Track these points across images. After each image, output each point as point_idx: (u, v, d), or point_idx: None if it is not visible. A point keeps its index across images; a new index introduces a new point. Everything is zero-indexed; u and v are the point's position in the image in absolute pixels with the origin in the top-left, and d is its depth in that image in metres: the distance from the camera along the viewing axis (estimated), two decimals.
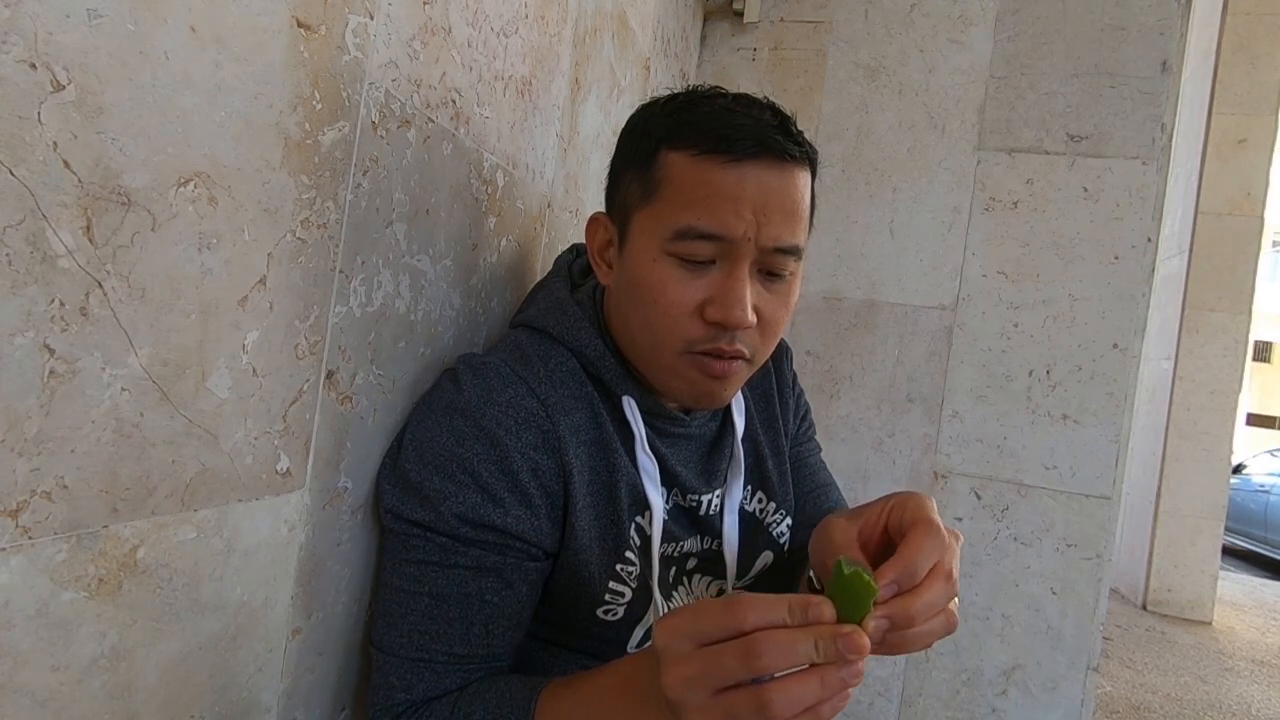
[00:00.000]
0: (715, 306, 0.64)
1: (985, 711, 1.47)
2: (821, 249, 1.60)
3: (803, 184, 0.66)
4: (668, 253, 0.65)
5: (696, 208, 0.63)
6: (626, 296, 0.69)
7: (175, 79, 0.45)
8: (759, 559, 0.81)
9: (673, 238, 0.64)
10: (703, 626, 0.43)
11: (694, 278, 0.65)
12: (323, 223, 0.59)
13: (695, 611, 0.44)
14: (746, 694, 0.41)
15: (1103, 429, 1.44)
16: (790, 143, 0.64)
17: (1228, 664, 3.53)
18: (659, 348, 0.67)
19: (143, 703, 0.49)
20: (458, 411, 0.66)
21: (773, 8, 1.64)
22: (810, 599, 0.42)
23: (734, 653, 0.42)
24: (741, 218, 0.62)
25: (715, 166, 0.63)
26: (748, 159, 0.63)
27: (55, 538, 0.42)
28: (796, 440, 0.90)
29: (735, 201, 0.63)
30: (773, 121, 0.65)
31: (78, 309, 0.41)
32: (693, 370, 0.67)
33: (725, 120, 0.64)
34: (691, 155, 0.64)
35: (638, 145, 0.69)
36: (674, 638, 0.44)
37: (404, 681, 0.64)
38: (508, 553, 0.65)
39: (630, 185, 0.68)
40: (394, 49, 0.64)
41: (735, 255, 0.64)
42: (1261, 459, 7.08)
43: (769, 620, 0.42)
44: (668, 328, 0.66)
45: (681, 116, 0.66)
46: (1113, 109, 1.45)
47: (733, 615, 0.42)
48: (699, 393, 0.69)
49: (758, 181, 0.63)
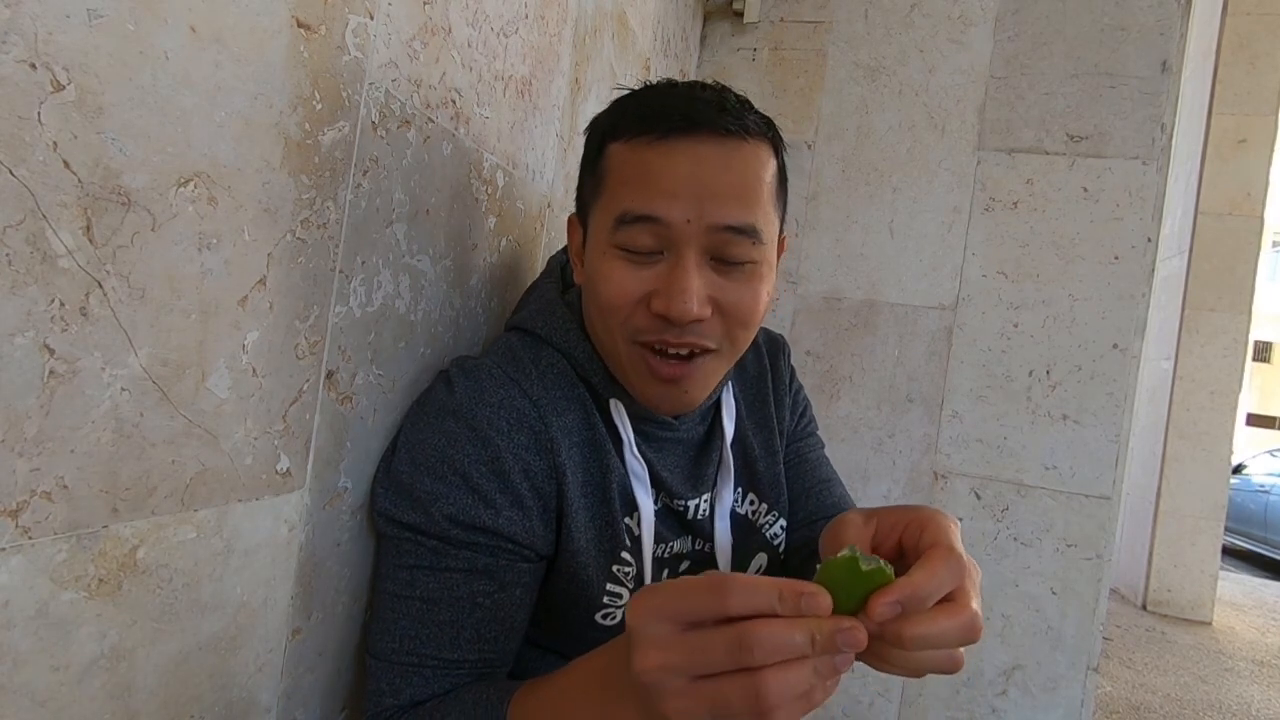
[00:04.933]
0: (660, 298, 0.62)
1: (985, 711, 1.47)
2: (821, 249, 1.60)
3: (750, 159, 0.63)
4: (613, 245, 0.64)
5: (632, 191, 0.62)
6: (586, 295, 0.69)
7: (175, 79, 0.45)
8: (753, 562, 0.81)
9: (614, 226, 0.63)
10: (683, 608, 0.40)
11: (640, 269, 0.63)
12: (323, 223, 0.59)
13: (674, 592, 0.40)
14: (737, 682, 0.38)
15: (1103, 429, 1.44)
16: (725, 116, 0.62)
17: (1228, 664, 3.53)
18: (612, 337, 0.66)
19: (143, 703, 0.49)
20: (449, 413, 0.65)
21: (773, 8, 1.64)
22: (803, 586, 0.39)
23: (723, 644, 0.38)
24: (677, 198, 0.60)
25: (647, 146, 0.62)
26: (675, 135, 0.61)
27: (55, 538, 0.42)
28: (795, 437, 0.89)
29: (668, 180, 0.61)
30: (709, 98, 0.63)
31: (78, 309, 0.41)
32: (643, 370, 0.66)
33: (658, 102, 0.63)
34: (626, 141, 0.64)
35: (588, 145, 0.70)
36: (649, 619, 0.40)
37: (392, 686, 0.63)
38: (499, 554, 0.65)
39: (585, 183, 0.70)
40: (394, 49, 0.64)
41: (678, 242, 0.61)
42: (1261, 459, 7.07)
43: (755, 606, 0.39)
44: (615, 318, 0.64)
45: (620, 107, 0.67)
46: (1113, 109, 1.45)
47: (717, 598, 0.39)
48: (659, 396, 0.67)
49: (693, 158, 0.61)
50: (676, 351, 0.64)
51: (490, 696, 0.60)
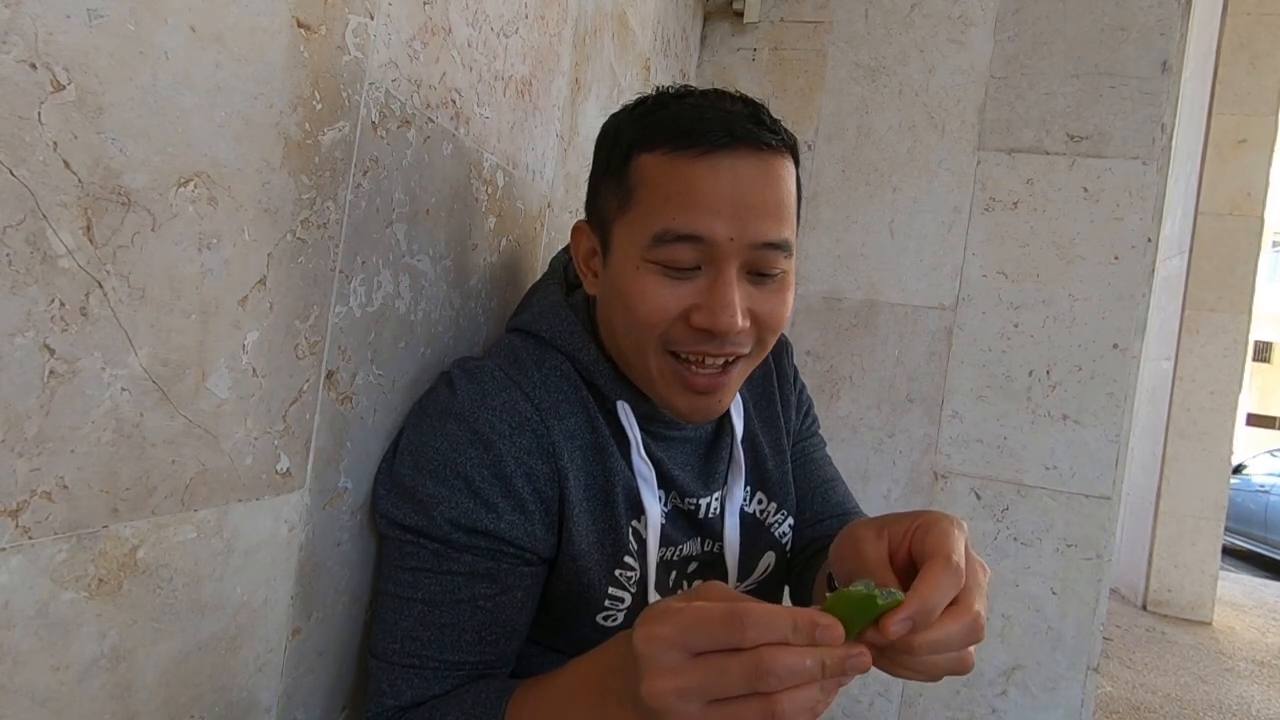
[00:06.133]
0: (702, 313, 0.62)
1: (985, 711, 1.47)
2: (821, 249, 1.60)
3: (784, 173, 0.64)
4: (648, 260, 0.62)
5: (672, 209, 0.61)
6: (611, 308, 0.68)
7: (175, 79, 0.45)
8: (762, 560, 0.80)
9: (651, 243, 0.62)
10: (696, 637, 0.41)
11: (677, 284, 0.62)
12: (323, 223, 0.59)
13: (688, 622, 0.41)
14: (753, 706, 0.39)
15: (1103, 429, 1.44)
16: (764, 130, 0.62)
17: (1228, 664, 3.53)
18: (643, 347, 0.66)
19: (143, 703, 0.49)
20: (452, 416, 0.65)
21: (773, 8, 1.64)
22: (818, 618, 0.40)
23: (739, 671, 0.39)
24: (720, 215, 0.60)
25: (687, 162, 0.61)
26: (719, 150, 0.60)
27: (55, 538, 0.42)
28: (800, 436, 0.89)
29: (712, 199, 0.60)
30: (744, 111, 0.63)
31: (78, 309, 0.41)
32: (674, 382, 0.66)
33: (694, 115, 0.62)
34: (662, 154, 0.62)
35: (610, 153, 0.67)
36: (659, 647, 0.41)
37: (394, 688, 0.63)
38: (501, 558, 0.65)
39: (607, 195, 0.67)
40: (394, 49, 0.64)
41: (720, 259, 0.61)
42: (1261, 459, 7.08)
43: (771, 638, 0.40)
44: (649, 333, 0.64)
45: (650, 118, 0.65)
46: (1113, 109, 1.45)
47: (732, 630, 0.40)
48: (691, 407, 0.67)
49: (734, 174, 0.61)
50: (714, 362, 0.65)
51: (488, 697, 0.60)
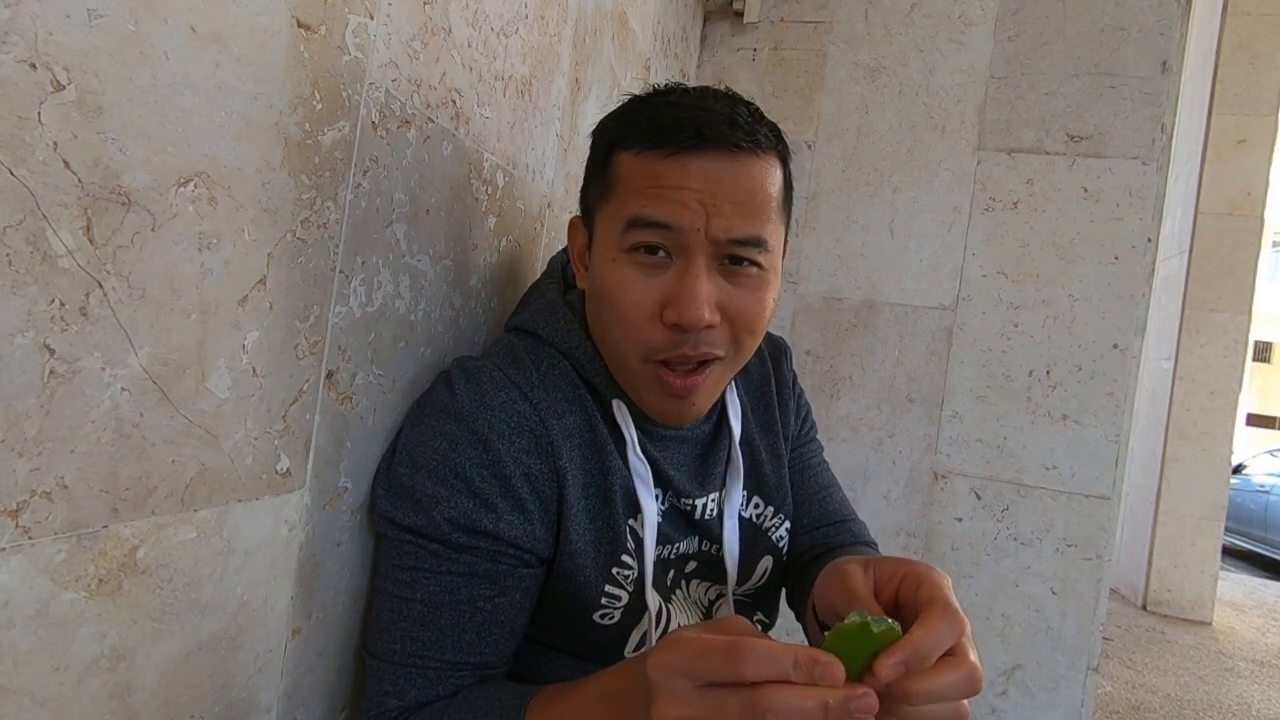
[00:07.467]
0: (672, 307, 0.63)
1: (985, 711, 1.47)
2: (821, 249, 1.60)
3: (758, 171, 0.64)
4: (624, 249, 0.64)
5: (642, 198, 0.63)
6: (595, 300, 0.69)
7: (175, 79, 0.45)
8: (760, 564, 0.81)
9: (624, 230, 0.63)
10: (700, 669, 0.42)
11: (650, 277, 0.64)
12: (323, 223, 0.59)
13: (692, 651, 0.42)
14: None
15: (1103, 429, 1.44)
16: (737, 131, 0.62)
17: (1228, 664, 3.53)
18: (624, 354, 0.67)
19: (143, 703, 0.49)
20: (450, 415, 0.65)
21: (773, 8, 1.64)
22: (818, 655, 0.41)
23: (738, 707, 0.40)
24: (687, 206, 0.61)
25: (658, 161, 0.62)
26: (688, 151, 0.62)
27: (55, 538, 0.42)
28: (798, 442, 0.89)
29: (679, 190, 0.62)
30: (722, 111, 0.64)
31: (78, 309, 0.41)
32: (654, 384, 0.66)
33: (669, 115, 0.63)
34: (636, 153, 0.64)
35: (595, 149, 0.70)
36: (669, 675, 0.43)
37: (396, 687, 0.64)
38: (500, 559, 0.65)
39: (592, 188, 0.70)
40: (394, 49, 0.64)
41: (688, 249, 0.62)
42: (1261, 459, 7.07)
43: (771, 674, 0.40)
44: (629, 333, 0.65)
45: (629, 116, 0.67)
46: (1113, 109, 1.45)
47: (732, 663, 0.41)
48: (666, 410, 0.68)
49: (701, 171, 0.62)
50: (686, 363, 0.65)
51: (504, 704, 0.60)
